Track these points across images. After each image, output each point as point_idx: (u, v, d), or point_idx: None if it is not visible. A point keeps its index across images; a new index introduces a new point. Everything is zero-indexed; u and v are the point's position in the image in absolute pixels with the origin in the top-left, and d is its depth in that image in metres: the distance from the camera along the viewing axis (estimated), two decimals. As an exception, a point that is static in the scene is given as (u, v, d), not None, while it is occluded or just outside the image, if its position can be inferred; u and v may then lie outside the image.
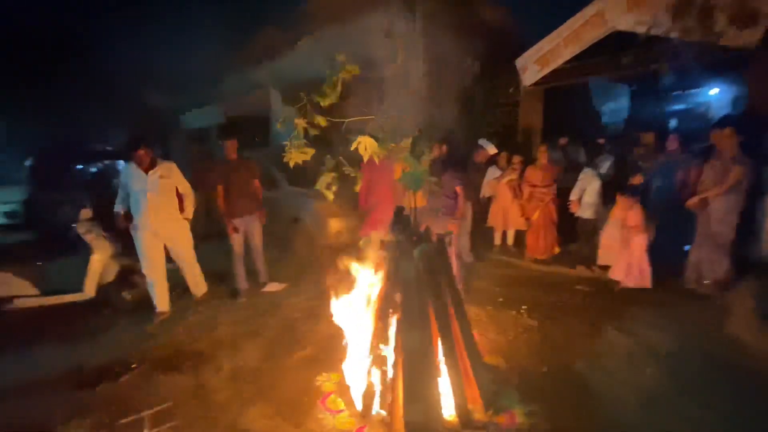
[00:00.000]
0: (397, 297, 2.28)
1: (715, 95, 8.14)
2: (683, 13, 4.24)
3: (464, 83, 5.28)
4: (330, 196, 2.34)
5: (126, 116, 13.49)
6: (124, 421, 2.34)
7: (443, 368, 2.28)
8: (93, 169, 8.33)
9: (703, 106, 8.61)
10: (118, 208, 3.60)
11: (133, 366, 2.93)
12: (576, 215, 4.90)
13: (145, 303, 3.79)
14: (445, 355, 2.28)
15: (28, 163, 7.01)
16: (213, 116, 7.60)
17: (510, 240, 5.62)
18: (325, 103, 2.30)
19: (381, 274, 2.43)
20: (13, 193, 7.48)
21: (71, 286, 3.70)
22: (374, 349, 2.34)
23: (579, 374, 2.66)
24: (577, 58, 5.34)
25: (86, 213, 3.93)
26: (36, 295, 3.51)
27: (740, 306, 3.30)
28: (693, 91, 8.69)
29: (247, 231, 4.20)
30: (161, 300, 3.71)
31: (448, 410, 2.23)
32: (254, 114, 6.95)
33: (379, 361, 2.32)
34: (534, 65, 5.81)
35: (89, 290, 3.70)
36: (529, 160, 5.25)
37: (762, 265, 3.75)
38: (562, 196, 4.99)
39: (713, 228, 3.66)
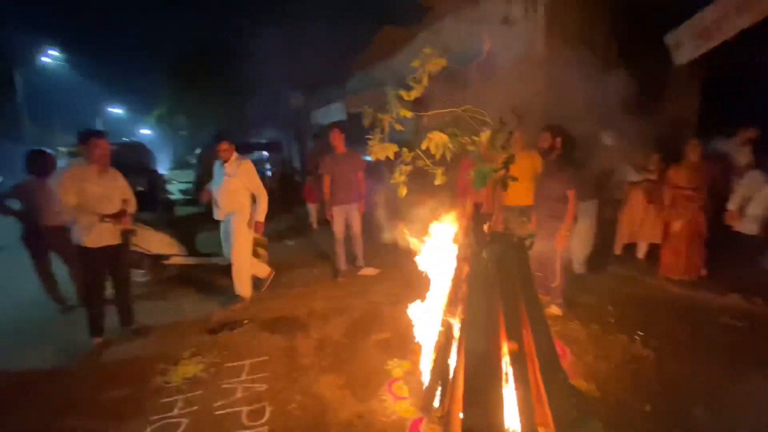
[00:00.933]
0: (464, 296, 2.21)
1: None
2: None
3: (595, 66, 4.60)
4: (403, 190, 2.36)
5: (273, 115, 15.88)
6: (230, 364, 2.86)
7: (510, 378, 2.12)
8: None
9: None
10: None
11: (245, 322, 3.52)
12: (735, 229, 3.86)
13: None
14: (513, 364, 2.11)
15: (198, 151, 8.99)
16: (337, 113, 8.37)
17: (641, 253, 4.76)
18: (409, 97, 2.34)
19: (452, 272, 2.38)
20: (189, 175, 9.74)
21: (215, 252, 4.60)
22: (438, 345, 2.31)
23: (695, 422, 2.15)
24: (756, 29, 4.12)
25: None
26: (188, 255, 4.49)
27: None
28: None
29: (348, 218, 4.56)
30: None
31: (514, 424, 2.08)
32: (372, 110, 7.37)
33: (441, 358, 2.30)
34: (692, 40, 4.69)
35: (227, 257, 4.53)
36: (675, 158, 4.31)
37: None
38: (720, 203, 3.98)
39: None
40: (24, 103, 19.79)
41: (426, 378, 2.40)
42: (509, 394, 2.10)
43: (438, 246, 2.67)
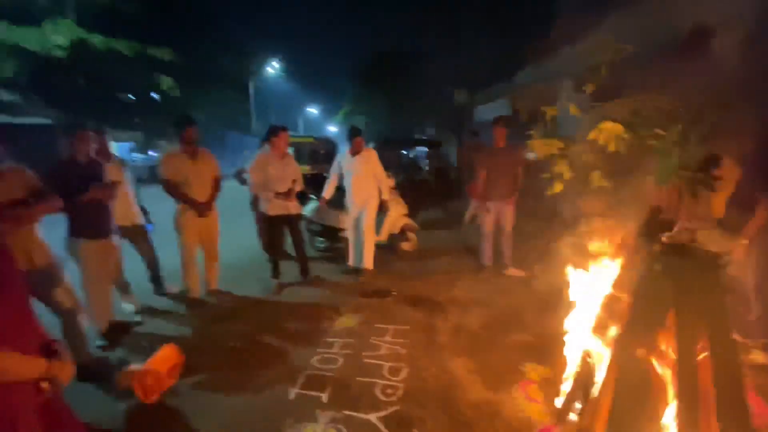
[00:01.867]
0: (624, 308, 1.99)
1: None
2: None
3: None
4: (558, 186, 2.26)
5: (437, 112, 16.53)
6: (378, 325, 3.30)
7: (672, 414, 1.82)
8: (404, 152, 11.01)
9: None
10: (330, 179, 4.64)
11: (393, 293, 3.98)
12: None
13: (417, 253, 4.98)
14: (678, 401, 1.80)
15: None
16: (501, 109, 8.19)
17: None
18: (584, 90, 2.23)
19: (615, 279, 2.16)
20: None
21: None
22: (584, 357, 2.15)
23: None
24: None
25: (390, 182, 5.39)
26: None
27: None
28: None
29: (499, 215, 4.51)
30: (352, 256, 4.67)
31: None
32: (540, 105, 6.97)
33: (586, 371, 2.13)
34: None
35: (383, 236, 5.13)
36: None
37: None
38: None
39: None
40: (253, 104, 26.04)
41: (566, 388, 2.27)
42: (671, 429, 1.82)
43: (599, 255, 2.45)
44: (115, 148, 17.66)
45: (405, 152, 11.46)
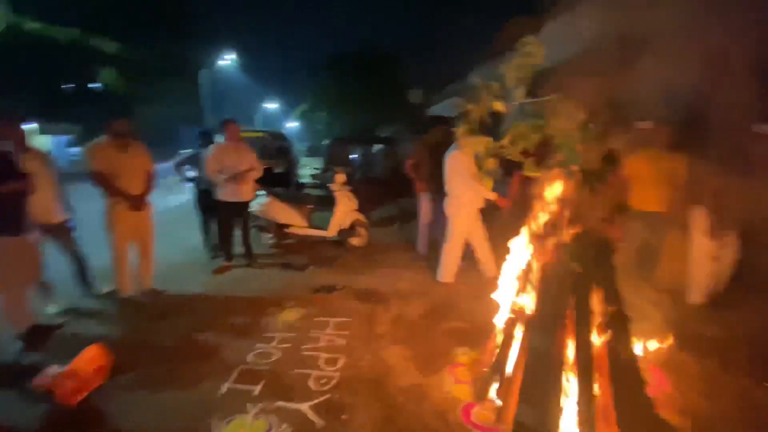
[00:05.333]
0: (534, 294, 2.18)
1: None
2: None
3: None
4: (488, 184, 2.41)
5: (397, 111, 16.76)
6: (319, 318, 3.36)
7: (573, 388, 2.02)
8: (362, 150, 11.14)
9: None
10: None
11: (341, 288, 4.04)
12: None
13: (367, 248, 5.11)
14: (579, 374, 2.01)
15: (325, 142, 10.37)
16: (453, 108, 8.48)
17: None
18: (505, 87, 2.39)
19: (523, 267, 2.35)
20: (318, 162, 11.37)
21: (323, 226, 5.28)
22: (503, 337, 2.33)
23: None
24: None
25: (341, 177, 5.43)
26: (302, 227, 5.25)
27: None
28: None
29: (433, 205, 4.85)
30: None
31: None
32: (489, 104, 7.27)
33: (502, 349, 2.31)
34: None
35: (331, 231, 5.17)
36: None
37: None
38: None
39: None
40: (205, 97, 25.04)
41: (485, 369, 2.44)
42: (571, 402, 2.01)
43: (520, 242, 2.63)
44: (50, 141, 16.36)
45: (362, 150, 11.47)
